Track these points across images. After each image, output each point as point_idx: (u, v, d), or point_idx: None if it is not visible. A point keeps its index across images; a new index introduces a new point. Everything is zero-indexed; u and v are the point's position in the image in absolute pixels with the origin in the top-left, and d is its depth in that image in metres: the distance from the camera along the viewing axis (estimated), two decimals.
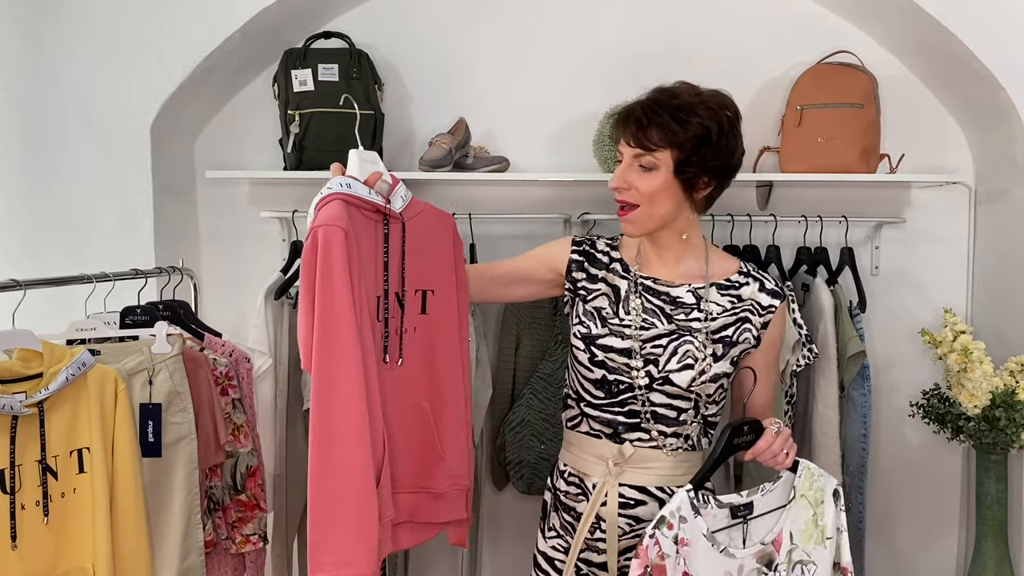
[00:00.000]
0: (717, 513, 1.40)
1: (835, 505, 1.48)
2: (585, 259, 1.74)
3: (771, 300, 1.66)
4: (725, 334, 1.63)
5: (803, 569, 1.44)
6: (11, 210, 2.47)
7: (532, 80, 2.57)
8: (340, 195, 1.45)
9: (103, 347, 1.78)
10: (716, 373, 1.61)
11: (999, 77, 2.23)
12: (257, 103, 2.61)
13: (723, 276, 1.68)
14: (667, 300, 1.66)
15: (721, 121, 1.59)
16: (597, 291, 1.70)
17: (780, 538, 1.43)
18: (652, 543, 1.32)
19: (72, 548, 1.54)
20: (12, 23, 2.42)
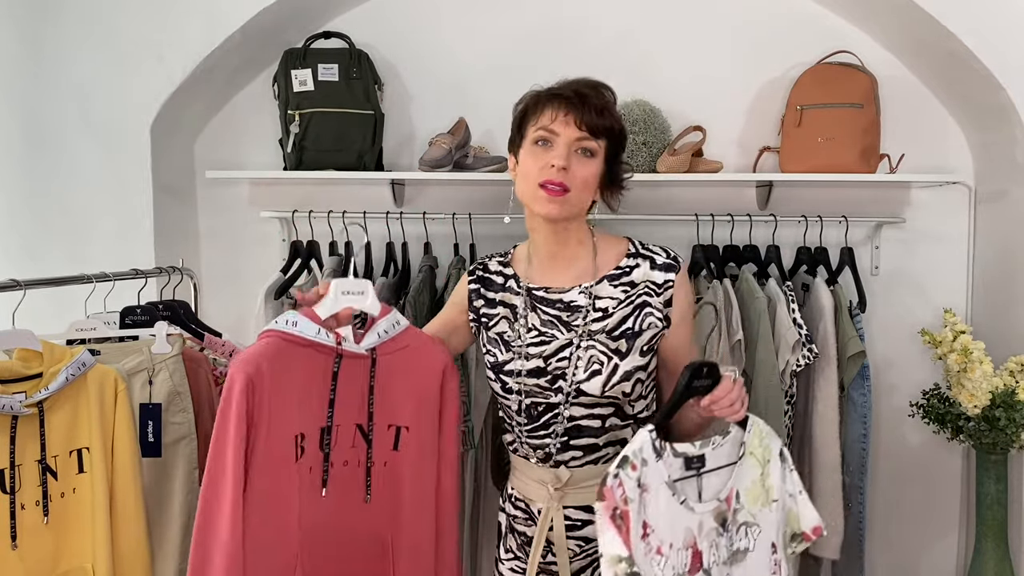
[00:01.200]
0: (673, 462, 1.29)
1: (782, 466, 1.38)
2: (481, 285, 1.67)
3: (666, 275, 1.55)
4: (626, 327, 1.52)
5: (747, 531, 1.34)
6: (11, 210, 2.48)
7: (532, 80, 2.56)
8: (277, 333, 1.45)
9: (103, 347, 1.78)
10: (627, 370, 1.50)
11: (999, 77, 2.23)
12: (257, 103, 2.61)
13: (612, 265, 1.58)
14: (562, 307, 1.57)
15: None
16: (496, 315, 1.63)
17: (731, 495, 1.33)
18: (616, 484, 1.20)
19: (72, 548, 1.54)
20: (12, 24, 2.42)
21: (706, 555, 1.29)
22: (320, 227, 2.50)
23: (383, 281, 2.39)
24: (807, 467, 2.32)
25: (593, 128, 1.54)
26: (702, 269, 2.42)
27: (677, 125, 2.47)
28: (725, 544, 1.31)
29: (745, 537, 1.34)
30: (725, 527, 1.32)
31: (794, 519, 1.39)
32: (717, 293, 2.29)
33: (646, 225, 2.55)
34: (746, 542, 1.34)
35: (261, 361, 1.38)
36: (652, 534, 1.23)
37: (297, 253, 2.47)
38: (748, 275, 2.33)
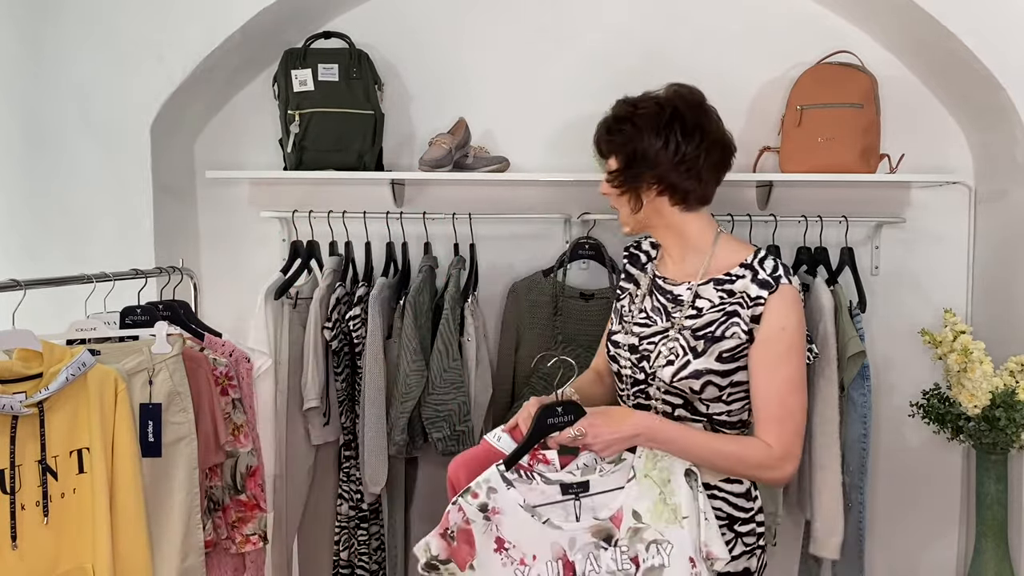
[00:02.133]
0: (545, 489, 1.46)
1: (688, 485, 1.49)
2: (629, 260, 1.83)
3: (760, 291, 1.57)
4: (709, 330, 1.59)
5: (658, 548, 1.46)
6: (11, 210, 2.47)
7: (532, 80, 2.57)
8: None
9: (103, 347, 1.78)
10: (698, 369, 1.57)
11: (999, 77, 2.22)
12: (257, 103, 2.61)
13: (724, 270, 1.64)
14: (670, 298, 1.68)
15: (650, 125, 1.62)
16: (627, 290, 1.79)
17: (620, 515, 1.46)
18: (455, 509, 1.43)
19: (72, 548, 1.54)
20: (12, 24, 2.42)
21: (580, 566, 1.44)
22: (320, 227, 2.50)
23: (383, 281, 2.39)
24: (807, 467, 2.32)
25: (602, 154, 1.72)
26: None
27: None
28: (611, 557, 1.45)
29: (657, 554, 1.46)
30: (611, 542, 1.46)
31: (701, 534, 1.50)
32: None
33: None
34: (660, 559, 1.46)
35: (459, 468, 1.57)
36: (512, 548, 1.43)
37: (297, 253, 2.47)
38: None
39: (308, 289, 2.41)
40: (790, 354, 1.57)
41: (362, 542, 2.42)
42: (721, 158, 1.67)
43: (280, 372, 2.31)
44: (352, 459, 2.39)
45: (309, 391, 2.31)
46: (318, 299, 2.34)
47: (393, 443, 2.31)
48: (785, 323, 1.57)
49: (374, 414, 2.28)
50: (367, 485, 2.30)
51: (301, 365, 2.33)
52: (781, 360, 1.56)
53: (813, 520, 2.30)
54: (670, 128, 1.61)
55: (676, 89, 1.67)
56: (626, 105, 1.68)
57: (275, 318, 2.32)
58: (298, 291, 2.39)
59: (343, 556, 2.41)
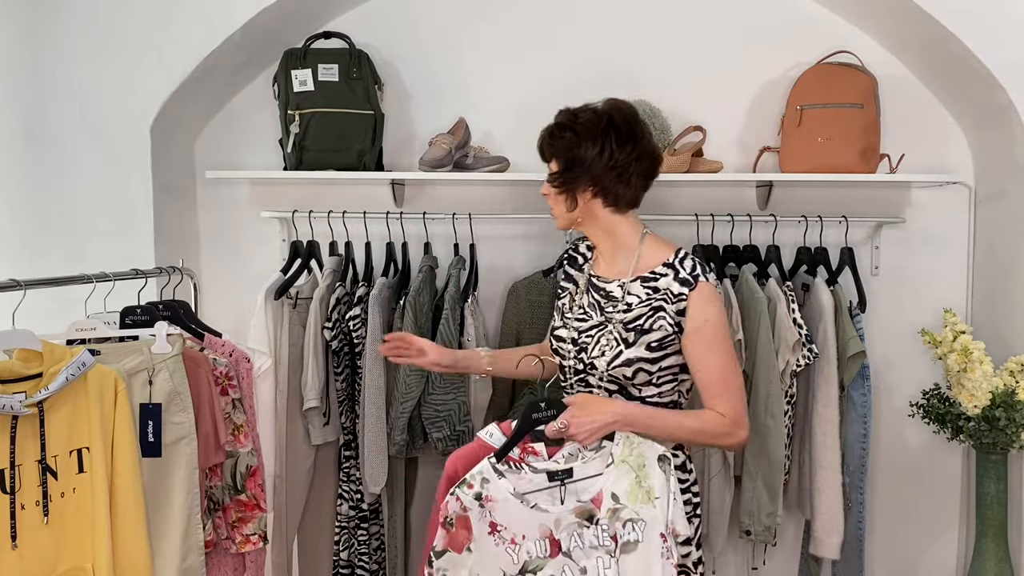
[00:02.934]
0: (533, 477, 1.62)
1: (660, 468, 1.65)
2: (568, 261, 1.99)
3: (681, 288, 1.75)
4: (638, 323, 1.77)
5: (634, 526, 1.62)
6: (11, 210, 2.47)
7: (532, 80, 2.57)
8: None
9: (103, 347, 1.78)
10: (629, 358, 1.75)
11: (999, 77, 2.23)
12: (257, 103, 2.61)
13: (649, 268, 1.81)
14: (604, 295, 1.86)
15: (588, 133, 1.77)
16: (567, 289, 1.95)
17: (600, 497, 1.63)
18: (453, 499, 1.58)
19: (72, 548, 1.53)
20: (12, 23, 2.42)
21: (565, 543, 1.61)
22: (320, 227, 2.50)
23: (383, 281, 2.39)
24: (807, 467, 2.32)
25: (544, 158, 1.88)
26: None
27: (677, 125, 2.47)
28: (593, 534, 1.62)
29: (633, 531, 1.63)
30: (593, 521, 1.62)
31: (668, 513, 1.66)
32: None
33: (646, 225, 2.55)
34: (635, 535, 1.63)
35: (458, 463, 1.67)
36: (504, 530, 1.60)
37: (297, 253, 2.47)
38: (748, 275, 2.33)
39: (308, 289, 2.41)
40: (717, 340, 1.76)
41: (362, 542, 2.42)
42: (650, 167, 1.82)
43: (280, 372, 2.32)
44: (352, 459, 2.39)
45: (309, 391, 2.31)
46: (318, 299, 2.34)
47: (393, 443, 2.31)
48: (707, 316, 1.75)
49: (374, 414, 2.28)
50: (367, 485, 2.30)
51: (301, 365, 2.33)
52: (711, 347, 1.75)
53: (813, 520, 2.30)
54: (606, 136, 1.77)
55: (613, 102, 1.83)
56: (568, 114, 1.83)
57: (275, 318, 2.32)
58: (298, 291, 2.39)
59: (343, 556, 2.42)
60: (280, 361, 2.32)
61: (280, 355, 2.32)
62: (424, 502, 2.63)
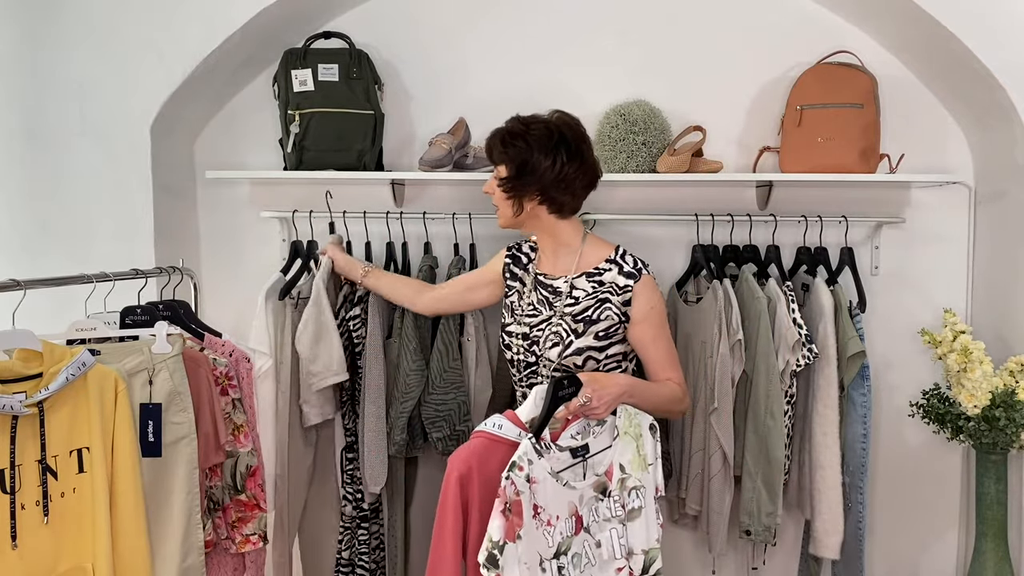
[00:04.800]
0: (561, 456, 1.67)
1: (652, 437, 1.79)
2: (512, 262, 2.12)
3: (626, 280, 1.94)
4: (586, 314, 1.94)
5: (637, 493, 1.73)
6: (11, 210, 2.48)
7: (532, 80, 2.57)
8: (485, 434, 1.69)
9: (103, 347, 1.78)
10: (579, 347, 1.92)
11: (999, 77, 2.23)
12: (257, 103, 2.61)
13: (593, 265, 1.98)
14: (551, 291, 2.00)
15: (541, 145, 1.91)
16: (515, 287, 2.08)
17: (611, 469, 1.72)
18: (509, 483, 1.57)
19: (72, 548, 1.54)
20: (12, 23, 2.42)
21: (586, 518, 1.68)
22: (320, 227, 2.50)
23: None
24: (807, 467, 2.32)
25: (492, 160, 2.01)
26: (702, 269, 2.42)
27: (677, 125, 2.47)
28: (607, 506, 1.71)
29: (637, 498, 1.74)
30: (606, 493, 1.71)
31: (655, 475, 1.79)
32: (717, 293, 2.29)
33: (646, 225, 2.55)
34: (638, 501, 1.74)
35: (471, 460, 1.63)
36: (543, 512, 1.62)
37: (297, 253, 2.47)
38: (748, 275, 2.33)
39: (308, 289, 2.41)
40: (662, 322, 1.98)
41: (362, 541, 2.42)
42: (592, 180, 1.99)
43: (281, 373, 2.31)
44: (355, 460, 2.39)
45: (335, 364, 2.28)
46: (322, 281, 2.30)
47: (393, 443, 2.31)
48: (652, 303, 1.95)
49: (374, 414, 2.28)
50: (367, 484, 2.30)
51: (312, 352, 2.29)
52: (658, 331, 1.96)
53: (813, 520, 2.30)
54: (557, 151, 1.91)
55: (562, 117, 1.97)
56: (520, 123, 1.96)
57: (276, 319, 2.31)
58: (299, 291, 2.39)
59: (344, 555, 2.42)
60: (281, 361, 2.32)
61: (281, 355, 2.32)
62: (424, 502, 2.63)
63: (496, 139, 1.98)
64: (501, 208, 2.01)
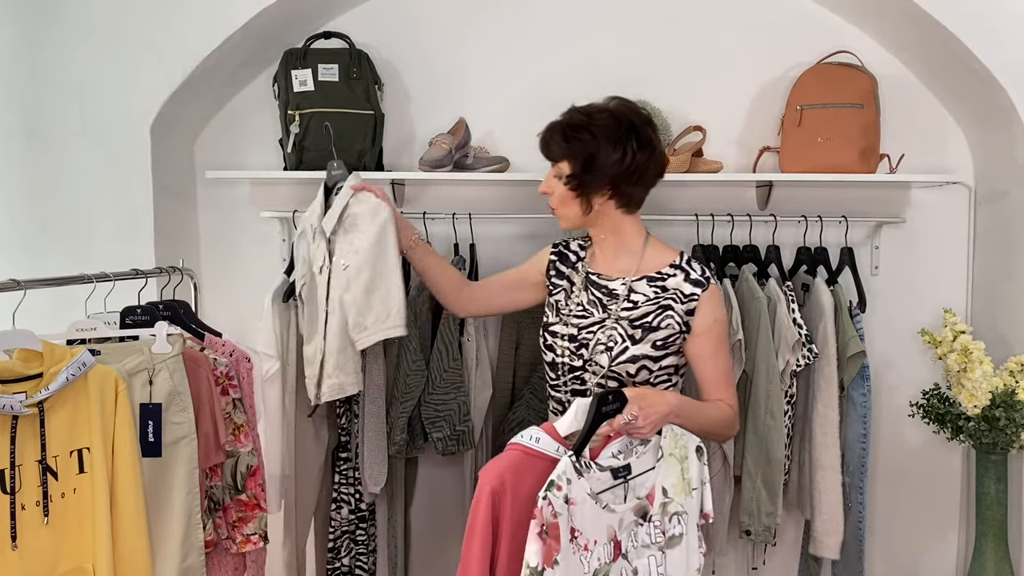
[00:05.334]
0: (601, 476, 1.54)
1: (698, 460, 1.66)
2: (558, 259, 1.99)
3: (693, 288, 1.81)
4: (645, 320, 1.80)
5: (679, 519, 1.61)
6: (11, 210, 2.47)
7: (532, 80, 2.57)
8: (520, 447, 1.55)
9: (103, 347, 1.78)
10: (634, 355, 1.78)
11: (999, 77, 2.23)
12: (257, 103, 2.61)
13: (655, 269, 1.85)
14: (605, 292, 1.87)
15: (608, 136, 1.78)
16: (561, 286, 1.95)
17: (653, 492, 1.60)
18: (546, 504, 1.44)
19: (72, 548, 1.54)
20: (12, 23, 2.42)
21: (624, 543, 1.56)
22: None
23: None
24: (807, 467, 2.32)
25: (551, 157, 1.86)
26: None
27: (677, 125, 2.47)
28: (646, 531, 1.59)
29: (678, 524, 1.61)
30: (646, 518, 1.58)
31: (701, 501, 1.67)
32: None
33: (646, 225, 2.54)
34: (680, 528, 1.61)
35: (505, 474, 1.50)
36: (580, 536, 1.49)
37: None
38: (748, 275, 2.33)
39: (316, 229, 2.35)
40: (723, 338, 1.85)
41: (360, 542, 2.41)
42: (662, 168, 1.87)
43: (288, 374, 2.29)
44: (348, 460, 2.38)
45: (392, 314, 2.03)
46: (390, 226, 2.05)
47: (393, 443, 2.30)
48: (717, 316, 1.83)
49: (374, 413, 2.28)
50: (367, 485, 2.29)
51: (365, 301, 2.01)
52: (719, 346, 1.83)
53: (813, 520, 2.30)
54: (627, 140, 1.78)
55: (626, 103, 1.84)
56: (580, 114, 1.82)
57: (282, 321, 2.28)
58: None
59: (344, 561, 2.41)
60: (288, 363, 2.30)
61: (288, 357, 2.30)
62: (424, 502, 2.63)
63: (555, 133, 1.84)
64: (565, 209, 1.86)
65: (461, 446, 2.33)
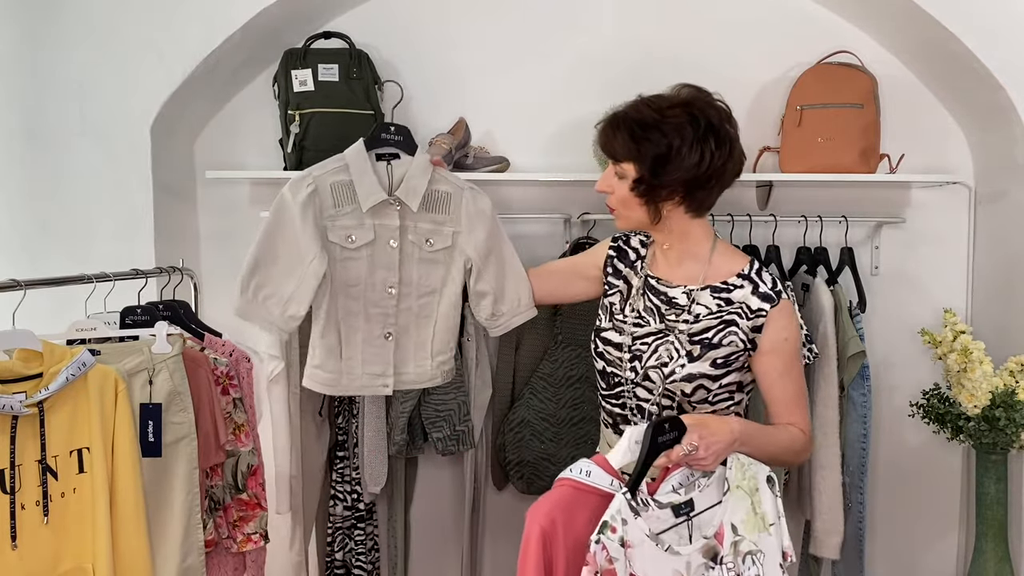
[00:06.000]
0: (660, 514, 1.40)
1: (771, 491, 1.49)
2: (617, 255, 1.81)
3: (761, 303, 1.63)
4: (705, 336, 1.63)
5: (753, 559, 1.44)
6: (11, 210, 2.47)
7: (532, 80, 2.57)
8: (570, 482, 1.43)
9: (103, 347, 1.78)
10: (691, 373, 1.62)
11: (999, 77, 2.23)
12: (257, 103, 2.61)
13: (722, 278, 1.67)
14: (664, 300, 1.70)
15: (684, 136, 1.59)
16: (616, 287, 1.78)
17: (722, 531, 1.44)
18: (599, 548, 1.32)
19: (72, 548, 1.54)
20: (12, 23, 2.42)
21: None
22: None
23: None
24: (807, 467, 2.32)
25: (610, 153, 1.67)
26: None
27: None
28: (718, 574, 1.42)
29: (753, 565, 1.43)
30: (717, 560, 1.41)
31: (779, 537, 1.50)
32: None
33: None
34: (755, 569, 1.43)
35: (555, 512, 1.38)
36: None
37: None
38: None
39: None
40: (795, 359, 1.67)
41: (359, 542, 2.41)
42: (739, 169, 1.69)
43: (292, 375, 2.29)
44: (345, 459, 2.38)
45: (524, 297, 1.98)
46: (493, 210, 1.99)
47: (393, 443, 2.30)
48: (788, 334, 1.65)
49: (374, 413, 2.28)
50: (367, 484, 2.30)
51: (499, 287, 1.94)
52: (789, 366, 1.66)
53: (813, 520, 2.30)
54: (705, 141, 1.59)
55: (700, 93, 1.65)
56: (649, 108, 1.62)
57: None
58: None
59: (338, 557, 2.41)
60: (292, 364, 2.30)
61: (291, 358, 2.30)
62: (423, 502, 2.63)
63: (620, 129, 1.63)
64: (627, 211, 1.67)
65: (461, 446, 2.33)
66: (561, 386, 2.37)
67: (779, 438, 1.62)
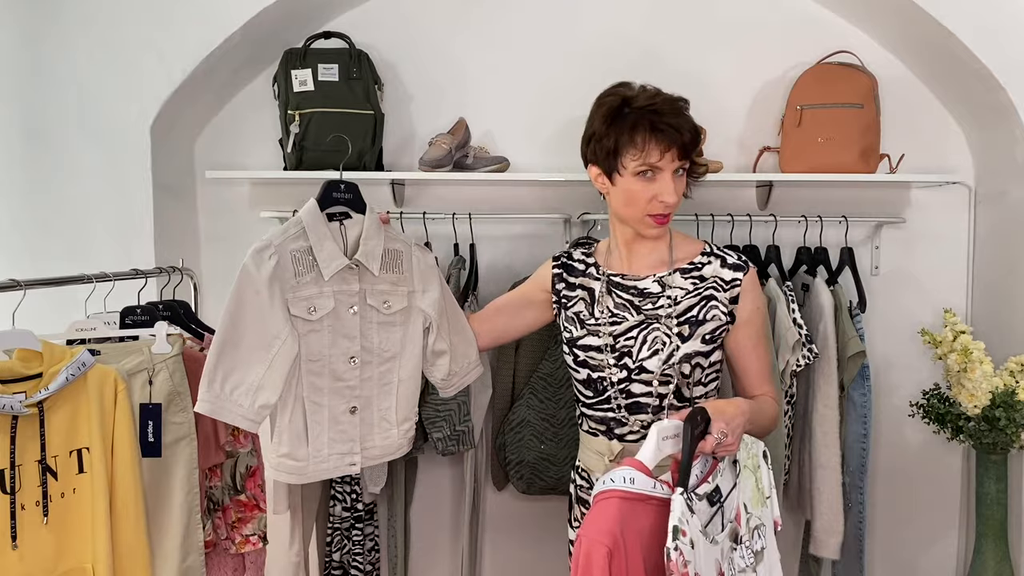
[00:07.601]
0: (701, 506, 1.41)
1: (766, 465, 1.55)
2: (564, 271, 1.84)
3: (734, 274, 1.69)
4: (691, 314, 1.68)
5: (759, 533, 1.49)
6: (11, 209, 2.47)
7: (532, 80, 2.57)
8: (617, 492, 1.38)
9: (103, 347, 1.78)
10: (687, 353, 1.66)
11: (999, 77, 2.23)
12: (257, 103, 2.61)
13: (686, 260, 1.73)
14: (635, 293, 1.73)
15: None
16: (575, 297, 1.80)
17: (739, 512, 1.47)
18: (677, 555, 1.30)
19: (72, 548, 1.54)
20: (12, 23, 2.42)
21: (727, 574, 1.41)
22: None
23: None
24: (807, 467, 2.32)
25: (687, 154, 1.68)
26: None
27: None
28: (740, 555, 1.44)
29: (760, 538, 1.49)
30: (738, 541, 1.44)
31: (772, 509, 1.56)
32: None
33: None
34: (761, 542, 1.49)
35: (615, 530, 1.34)
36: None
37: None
38: None
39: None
40: (764, 328, 1.76)
41: (357, 542, 2.41)
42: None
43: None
44: None
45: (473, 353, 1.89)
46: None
47: None
48: (758, 303, 1.73)
49: None
50: (367, 485, 2.30)
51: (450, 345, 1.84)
52: (760, 335, 1.73)
53: (813, 520, 2.30)
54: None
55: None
56: (677, 100, 1.69)
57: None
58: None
59: (335, 558, 2.41)
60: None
61: None
62: (423, 502, 2.63)
63: (692, 131, 1.66)
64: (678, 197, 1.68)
65: (461, 446, 2.33)
66: (561, 386, 2.37)
67: (767, 411, 1.67)
